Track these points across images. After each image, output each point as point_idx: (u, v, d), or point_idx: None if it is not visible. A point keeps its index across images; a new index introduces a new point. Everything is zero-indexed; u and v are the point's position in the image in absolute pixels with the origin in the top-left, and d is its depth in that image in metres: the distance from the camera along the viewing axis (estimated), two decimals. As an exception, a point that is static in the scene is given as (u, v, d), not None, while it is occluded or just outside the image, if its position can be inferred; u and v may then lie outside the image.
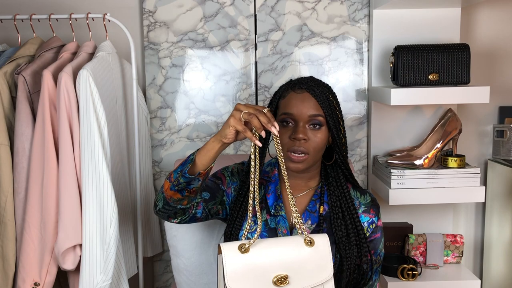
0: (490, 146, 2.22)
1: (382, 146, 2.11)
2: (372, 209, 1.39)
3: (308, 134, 1.29)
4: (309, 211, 1.37)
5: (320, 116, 1.30)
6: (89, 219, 1.56)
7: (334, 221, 1.34)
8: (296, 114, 1.30)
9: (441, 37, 2.01)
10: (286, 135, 1.31)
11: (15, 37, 1.87)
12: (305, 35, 2.12)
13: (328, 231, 1.34)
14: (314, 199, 1.38)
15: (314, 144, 1.30)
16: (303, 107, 1.30)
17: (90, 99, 1.56)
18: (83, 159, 1.55)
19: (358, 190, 1.41)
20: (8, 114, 1.66)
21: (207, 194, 1.36)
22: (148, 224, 2.10)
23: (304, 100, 1.30)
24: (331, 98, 1.33)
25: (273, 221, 1.36)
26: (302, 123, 1.30)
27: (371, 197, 1.42)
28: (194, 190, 1.24)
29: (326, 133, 1.32)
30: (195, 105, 2.14)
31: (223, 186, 1.41)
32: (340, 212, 1.35)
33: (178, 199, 1.25)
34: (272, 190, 1.40)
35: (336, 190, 1.37)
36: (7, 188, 1.62)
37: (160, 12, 2.09)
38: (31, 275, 1.58)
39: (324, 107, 1.30)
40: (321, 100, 1.30)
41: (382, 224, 1.42)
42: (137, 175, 1.94)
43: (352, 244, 1.33)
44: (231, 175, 1.44)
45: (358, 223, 1.35)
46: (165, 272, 2.23)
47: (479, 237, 2.28)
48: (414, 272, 1.92)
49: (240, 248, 1.14)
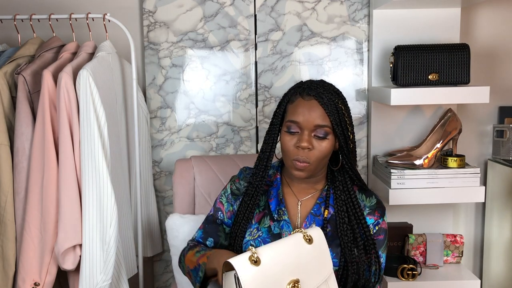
0: (490, 146, 2.22)
1: (382, 146, 2.11)
2: (377, 211, 1.38)
3: (313, 143, 1.29)
4: (313, 214, 1.36)
5: (326, 127, 1.29)
6: (89, 219, 1.56)
7: (340, 226, 1.33)
8: (302, 122, 1.29)
9: (441, 37, 2.01)
10: (291, 142, 1.30)
11: (15, 37, 1.87)
12: (305, 35, 2.12)
13: (332, 235, 1.33)
14: (318, 202, 1.38)
15: (318, 153, 1.29)
16: (309, 116, 1.28)
17: (90, 99, 1.56)
18: (83, 159, 1.56)
19: (364, 193, 1.40)
20: (8, 114, 1.66)
21: (211, 240, 1.43)
22: (148, 224, 2.10)
23: (311, 108, 1.29)
24: (340, 105, 1.31)
25: (277, 226, 1.35)
26: (308, 131, 1.29)
27: (377, 199, 1.40)
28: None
29: (332, 141, 1.31)
30: (195, 105, 2.14)
31: (220, 219, 1.45)
32: (346, 216, 1.34)
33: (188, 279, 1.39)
34: (274, 195, 1.40)
35: (343, 195, 1.36)
36: (7, 188, 1.62)
37: (160, 12, 2.09)
38: (31, 275, 1.58)
39: (331, 116, 1.28)
40: (328, 108, 1.28)
41: (387, 227, 1.41)
42: (137, 175, 1.94)
43: (360, 248, 1.32)
44: (231, 193, 1.45)
45: (366, 228, 1.34)
46: (165, 272, 2.23)
47: (479, 237, 2.28)
48: (414, 272, 1.92)
49: (250, 260, 1.09)
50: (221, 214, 1.45)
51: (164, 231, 2.16)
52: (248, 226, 1.37)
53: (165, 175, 2.18)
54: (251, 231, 1.36)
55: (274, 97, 2.14)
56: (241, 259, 1.08)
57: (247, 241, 1.35)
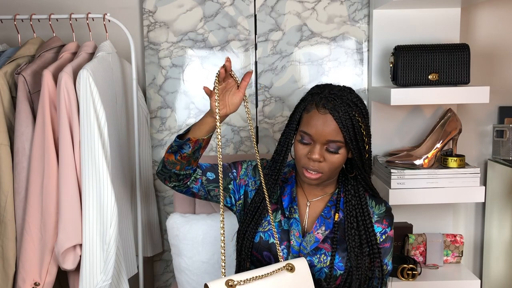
0: (490, 146, 2.22)
1: (382, 146, 2.12)
2: (385, 219, 1.38)
3: (324, 156, 1.28)
4: (323, 217, 1.36)
5: (339, 142, 1.27)
6: (89, 219, 1.56)
7: (348, 231, 1.33)
8: (314, 135, 1.28)
9: (441, 37, 2.01)
10: (303, 151, 1.30)
11: (15, 37, 1.87)
12: (305, 35, 2.12)
13: (340, 238, 1.34)
14: (329, 205, 1.38)
15: (330, 165, 1.29)
16: (322, 130, 1.26)
17: (90, 99, 1.56)
18: (83, 159, 1.56)
19: (374, 199, 1.40)
20: (8, 114, 1.66)
21: (212, 175, 1.41)
22: (148, 224, 2.10)
23: (325, 122, 1.26)
24: (357, 117, 1.28)
25: (287, 223, 1.36)
26: (320, 145, 1.28)
27: (386, 207, 1.40)
28: (185, 156, 1.30)
29: (345, 154, 1.30)
30: (195, 105, 2.14)
31: (233, 174, 1.43)
32: (355, 222, 1.34)
33: (172, 161, 1.32)
34: (288, 192, 1.41)
35: (353, 199, 1.36)
36: (7, 188, 1.62)
37: (160, 12, 2.09)
38: (31, 275, 1.58)
39: (345, 131, 1.26)
40: (343, 123, 1.25)
41: (393, 235, 1.40)
42: (137, 175, 1.94)
43: (365, 255, 1.32)
44: (252, 169, 1.44)
45: (372, 236, 1.33)
46: (165, 272, 2.23)
47: (479, 237, 2.28)
48: (414, 272, 1.92)
49: (227, 285, 1.14)
50: (234, 173, 1.43)
51: (164, 231, 2.17)
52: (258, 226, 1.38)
53: (165, 175, 2.18)
54: (262, 223, 1.37)
55: (274, 97, 2.14)
56: (218, 283, 1.14)
57: (257, 232, 1.37)
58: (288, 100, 2.14)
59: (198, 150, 1.32)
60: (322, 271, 1.32)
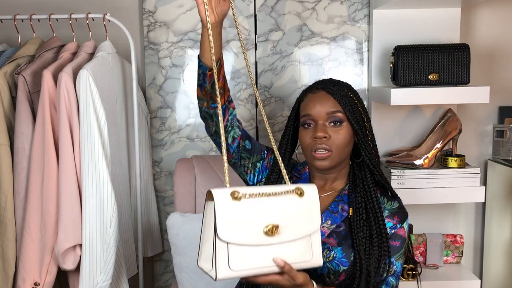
0: (490, 146, 2.22)
1: (382, 146, 2.11)
2: (397, 215, 1.34)
3: (329, 132, 1.30)
4: (330, 211, 1.36)
5: (339, 112, 1.30)
6: (89, 219, 1.56)
7: (357, 222, 1.31)
8: (314, 113, 1.31)
9: (441, 37, 2.01)
10: (308, 136, 1.31)
11: (15, 37, 1.87)
12: (305, 35, 2.12)
13: (345, 234, 1.32)
14: (337, 200, 1.37)
15: (337, 141, 1.30)
16: (320, 106, 1.30)
17: (90, 99, 1.56)
18: (83, 159, 1.56)
19: (386, 196, 1.38)
20: (8, 114, 1.66)
21: (249, 144, 1.40)
22: (148, 224, 2.10)
23: (322, 99, 1.32)
24: (351, 95, 1.33)
25: None
26: (322, 121, 1.30)
27: (399, 204, 1.37)
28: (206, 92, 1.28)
29: (349, 130, 1.32)
30: (195, 105, 2.14)
31: (264, 154, 1.43)
32: (364, 213, 1.32)
33: (199, 97, 1.31)
34: None
35: (362, 191, 1.35)
36: (7, 188, 1.62)
37: (160, 12, 2.09)
38: (31, 275, 1.58)
39: (342, 103, 1.30)
40: (338, 96, 1.30)
41: (406, 236, 1.35)
42: (137, 175, 1.94)
43: (375, 245, 1.29)
44: (273, 158, 1.44)
45: (382, 225, 1.30)
46: (165, 272, 2.23)
47: (479, 237, 2.28)
48: (414, 272, 1.92)
49: (232, 195, 1.07)
50: (265, 154, 1.43)
51: (165, 231, 2.17)
52: None
53: (165, 175, 2.18)
54: None
55: (274, 97, 2.14)
56: (223, 192, 1.07)
57: None
58: (288, 100, 2.14)
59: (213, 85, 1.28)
60: (325, 266, 1.30)
